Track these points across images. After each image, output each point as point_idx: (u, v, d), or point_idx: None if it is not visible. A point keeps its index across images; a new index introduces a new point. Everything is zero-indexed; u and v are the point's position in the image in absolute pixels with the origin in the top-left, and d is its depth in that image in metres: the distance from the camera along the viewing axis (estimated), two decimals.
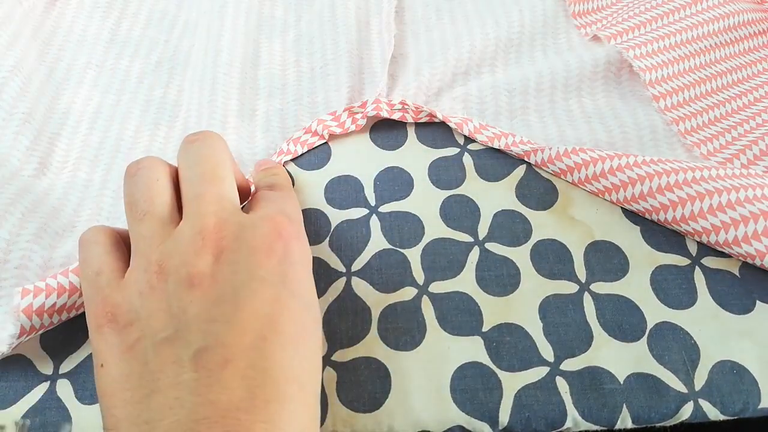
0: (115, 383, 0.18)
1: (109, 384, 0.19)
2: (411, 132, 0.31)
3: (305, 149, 0.30)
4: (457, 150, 0.30)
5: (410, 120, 0.31)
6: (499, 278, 0.26)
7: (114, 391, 0.18)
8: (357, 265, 0.27)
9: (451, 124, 0.30)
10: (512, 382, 0.24)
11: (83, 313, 0.25)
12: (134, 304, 0.19)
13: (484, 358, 0.24)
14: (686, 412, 0.23)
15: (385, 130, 0.31)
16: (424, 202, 0.28)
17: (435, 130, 0.31)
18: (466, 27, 0.35)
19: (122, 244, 0.22)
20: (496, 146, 0.30)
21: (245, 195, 0.25)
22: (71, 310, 0.24)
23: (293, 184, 0.29)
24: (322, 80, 0.33)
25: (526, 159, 0.29)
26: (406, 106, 0.31)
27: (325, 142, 0.31)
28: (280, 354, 0.18)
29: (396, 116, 0.30)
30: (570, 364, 0.24)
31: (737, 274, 0.26)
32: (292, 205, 0.24)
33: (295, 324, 0.19)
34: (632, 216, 0.28)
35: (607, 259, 0.26)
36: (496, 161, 0.30)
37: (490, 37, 0.34)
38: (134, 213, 0.21)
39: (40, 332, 0.23)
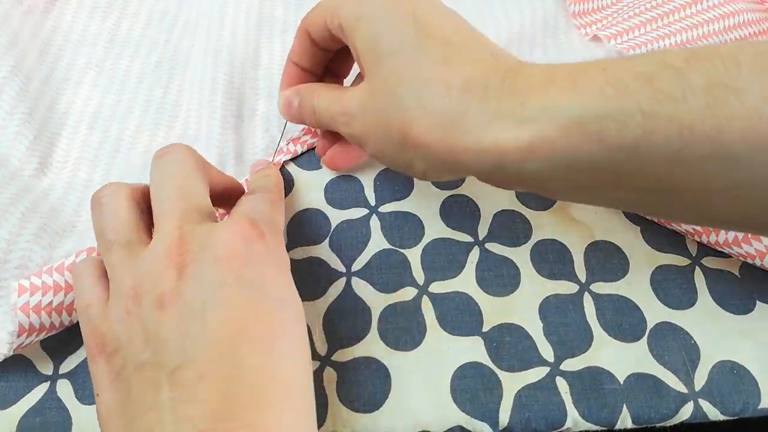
0: (108, 411, 0.19)
1: (104, 412, 0.19)
2: None
3: (305, 149, 0.30)
4: None
5: None
6: (500, 278, 0.26)
7: (108, 418, 0.19)
8: (357, 265, 0.27)
9: None
10: (512, 382, 0.24)
11: None
12: (116, 331, 0.19)
13: (484, 359, 0.24)
14: (686, 412, 0.23)
15: None
16: (424, 202, 0.28)
17: None
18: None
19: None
20: None
21: (237, 197, 0.25)
22: (71, 311, 0.24)
23: (293, 184, 0.29)
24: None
25: None
26: None
27: None
28: (252, 359, 0.18)
29: None
30: (570, 365, 0.24)
31: (737, 274, 0.26)
32: (264, 207, 0.23)
33: (265, 325, 0.19)
34: (632, 216, 0.28)
35: (607, 260, 0.26)
36: None
37: (489, 35, 0.34)
38: (103, 244, 0.21)
39: (42, 335, 0.23)
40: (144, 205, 0.22)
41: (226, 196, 0.25)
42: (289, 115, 0.27)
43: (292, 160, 0.30)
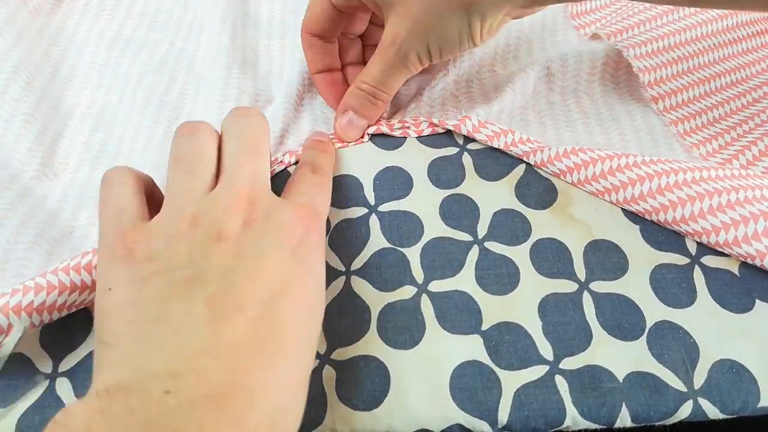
0: (121, 305, 0.19)
1: (114, 305, 0.19)
2: None
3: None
4: (456, 149, 0.30)
5: (413, 135, 0.31)
6: (499, 277, 0.26)
7: (119, 312, 0.19)
8: (356, 264, 0.27)
9: (449, 126, 0.30)
10: (511, 381, 0.24)
11: (82, 312, 0.25)
12: (158, 244, 0.20)
13: (484, 357, 0.24)
14: (686, 411, 0.23)
15: None
16: (424, 201, 0.28)
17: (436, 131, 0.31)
18: None
19: (145, 190, 0.23)
20: (495, 145, 0.30)
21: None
22: (62, 309, 0.24)
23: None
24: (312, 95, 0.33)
25: (525, 159, 0.30)
26: (405, 123, 0.31)
27: None
28: (289, 317, 0.20)
29: (396, 133, 0.31)
30: (569, 363, 0.24)
31: (737, 273, 0.26)
32: (323, 198, 0.26)
33: (306, 297, 0.21)
34: (632, 215, 0.28)
35: (606, 258, 0.26)
36: (495, 160, 0.30)
37: (489, 44, 0.34)
38: (180, 167, 0.23)
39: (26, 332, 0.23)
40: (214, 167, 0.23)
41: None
42: (356, 130, 0.30)
43: (291, 159, 0.30)
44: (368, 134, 0.30)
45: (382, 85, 0.28)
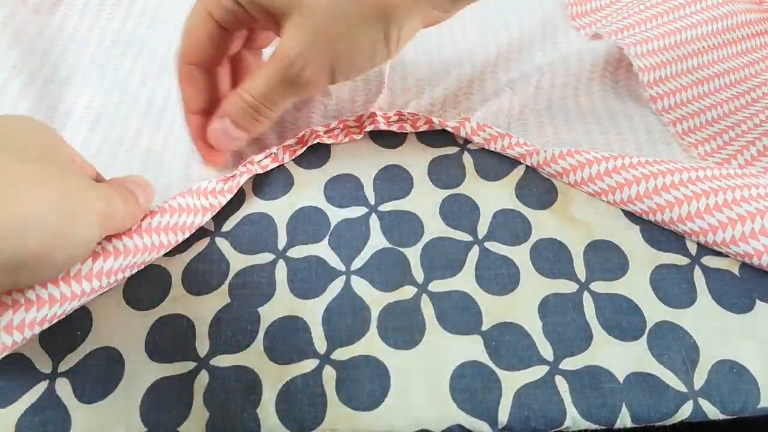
0: None
1: None
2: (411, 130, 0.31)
3: (292, 158, 0.30)
4: (456, 149, 0.30)
5: (409, 130, 0.31)
6: (499, 277, 0.26)
7: None
8: (356, 264, 0.27)
9: (448, 128, 0.30)
10: (512, 381, 0.24)
11: (81, 312, 0.25)
12: None
13: (484, 357, 0.24)
14: (686, 411, 0.23)
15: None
16: (424, 201, 0.28)
17: (435, 129, 0.31)
18: (464, 39, 0.35)
19: None
20: (493, 149, 0.30)
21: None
22: (53, 319, 0.23)
23: (293, 183, 0.29)
24: None
25: (522, 161, 0.30)
26: (403, 116, 0.30)
27: None
28: None
29: (394, 128, 0.30)
30: (569, 363, 0.24)
31: (737, 273, 0.26)
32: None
33: None
34: (632, 215, 0.28)
35: (606, 259, 0.26)
36: (495, 160, 0.30)
37: (490, 47, 0.34)
38: None
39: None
40: None
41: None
42: (230, 141, 0.26)
43: (291, 159, 0.30)
44: (364, 131, 0.30)
45: (266, 101, 0.24)
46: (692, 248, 0.27)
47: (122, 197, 0.23)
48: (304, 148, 0.30)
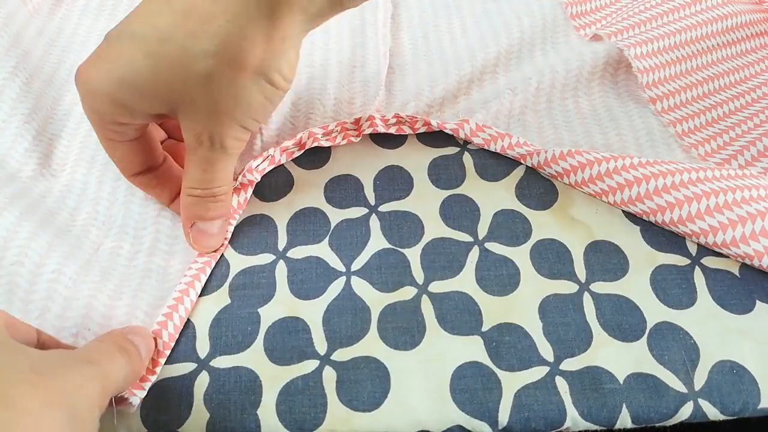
0: None
1: None
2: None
3: (289, 159, 0.30)
4: (457, 149, 0.30)
5: (408, 132, 0.31)
6: (499, 278, 0.26)
7: None
8: (357, 264, 0.27)
9: (447, 130, 0.30)
10: (512, 382, 0.24)
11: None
12: None
13: (484, 358, 0.24)
14: (686, 412, 0.23)
15: None
16: (424, 201, 0.28)
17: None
18: (464, 40, 0.35)
19: None
20: (493, 149, 0.30)
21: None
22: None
23: (293, 183, 0.29)
24: (307, 90, 0.33)
25: (523, 162, 0.30)
26: (401, 119, 0.30)
27: None
28: None
29: (392, 130, 0.30)
30: (570, 364, 0.24)
31: (737, 274, 0.26)
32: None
33: None
34: (632, 216, 0.28)
35: (606, 259, 0.26)
36: (496, 161, 0.30)
37: (490, 48, 0.34)
38: None
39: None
40: None
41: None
42: (212, 236, 0.26)
43: (291, 159, 0.30)
44: (362, 134, 0.30)
45: (213, 183, 0.25)
46: (692, 249, 0.27)
47: (125, 353, 0.22)
48: (302, 151, 0.30)
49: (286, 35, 0.22)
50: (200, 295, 0.26)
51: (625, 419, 0.23)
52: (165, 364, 0.24)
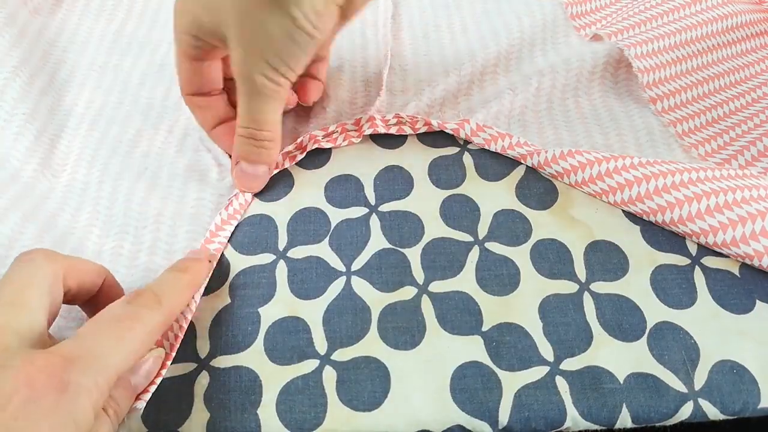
0: None
1: None
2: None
3: (292, 163, 0.30)
4: (457, 149, 0.30)
5: (408, 132, 0.31)
6: (499, 278, 0.26)
7: None
8: (357, 264, 0.27)
9: (448, 130, 0.30)
10: (512, 382, 0.24)
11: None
12: None
13: (484, 358, 0.24)
14: (686, 412, 0.23)
15: None
16: (424, 201, 0.28)
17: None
18: (464, 40, 0.35)
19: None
20: (493, 149, 0.30)
21: (110, 289, 0.24)
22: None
23: (293, 183, 0.29)
24: None
25: (523, 162, 0.30)
26: (401, 119, 0.30)
27: None
28: None
29: (393, 130, 0.30)
30: (570, 364, 0.24)
31: (737, 273, 0.26)
32: (109, 342, 0.19)
33: None
34: (632, 216, 0.28)
35: (607, 259, 0.26)
36: (496, 161, 0.30)
37: (490, 48, 0.34)
38: None
39: None
40: None
41: (97, 288, 0.23)
42: (254, 179, 0.28)
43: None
44: (362, 135, 0.30)
45: (255, 124, 0.26)
46: (692, 249, 0.27)
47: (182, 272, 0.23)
48: (304, 154, 0.30)
49: None
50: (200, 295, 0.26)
51: (625, 419, 0.23)
52: None
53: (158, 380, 0.23)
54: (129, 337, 0.20)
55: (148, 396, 0.22)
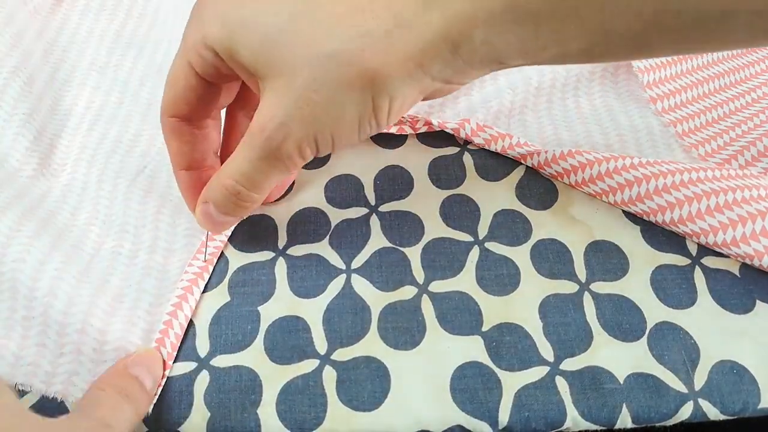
0: None
1: None
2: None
3: None
4: (457, 149, 0.30)
5: (408, 132, 0.31)
6: (499, 278, 0.26)
7: None
8: (357, 262, 0.27)
9: (448, 130, 0.30)
10: (512, 382, 0.24)
11: None
12: None
13: (484, 358, 0.24)
14: (686, 412, 0.23)
15: None
16: (424, 201, 0.28)
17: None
18: None
19: None
20: (493, 149, 0.30)
21: None
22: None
23: (293, 183, 0.29)
24: None
25: (523, 162, 0.30)
26: (402, 119, 0.30)
27: None
28: None
29: (393, 130, 0.30)
30: (570, 364, 0.24)
31: (737, 273, 0.26)
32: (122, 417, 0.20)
33: None
34: (632, 216, 0.28)
35: (607, 259, 0.26)
36: (496, 160, 0.30)
37: None
38: None
39: None
40: None
41: None
42: (218, 225, 0.24)
43: None
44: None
45: (250, 184, 0.22)
46: (692, 249, 0.27)
47: (127, 399, 0.21)
48: None
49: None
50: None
51: (625, 419, 0.23)
52: None
53: (163, 381, 0.23)
54: None
55: (154, 399, 0.22)
